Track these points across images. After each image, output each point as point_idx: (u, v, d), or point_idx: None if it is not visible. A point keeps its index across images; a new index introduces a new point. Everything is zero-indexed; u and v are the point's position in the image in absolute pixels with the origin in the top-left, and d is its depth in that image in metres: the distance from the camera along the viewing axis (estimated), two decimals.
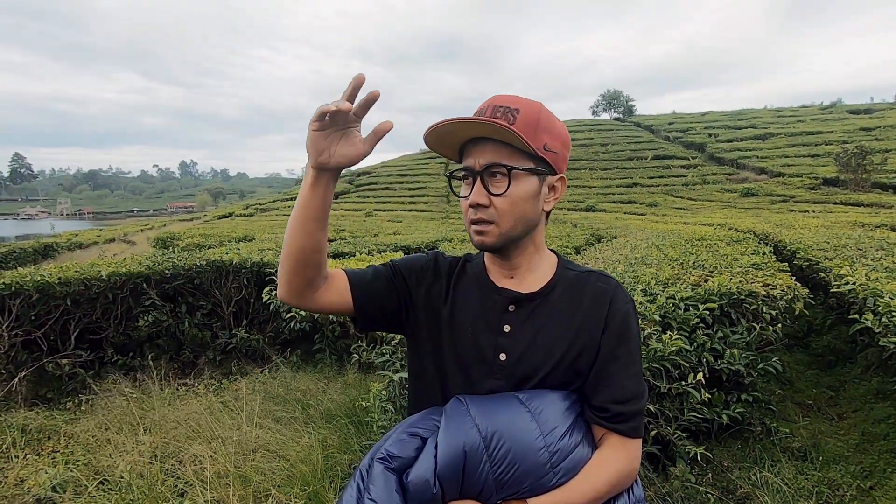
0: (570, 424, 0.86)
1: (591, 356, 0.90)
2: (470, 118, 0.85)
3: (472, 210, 0.89)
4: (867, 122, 34.16)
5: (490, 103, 0.89)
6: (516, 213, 0.88)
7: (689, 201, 23.77)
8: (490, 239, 0.89)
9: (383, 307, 0.98)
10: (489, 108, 0.88)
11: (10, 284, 3.34)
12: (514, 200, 0.88)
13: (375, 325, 1.01)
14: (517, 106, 0.87)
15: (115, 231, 22.84)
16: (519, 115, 0.86)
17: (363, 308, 0.97)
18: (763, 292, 2.70)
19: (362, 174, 41.85)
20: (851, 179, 21.83)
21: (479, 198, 0.87)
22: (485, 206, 0.88)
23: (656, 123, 45.36)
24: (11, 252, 10.62)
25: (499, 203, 0.87)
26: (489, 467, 0.80)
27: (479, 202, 0.87)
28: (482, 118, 0.84)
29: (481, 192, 0.87)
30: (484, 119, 0.84)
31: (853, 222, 8.85)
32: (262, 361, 4.17)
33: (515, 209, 0.88)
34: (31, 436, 2.91)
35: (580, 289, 0.94)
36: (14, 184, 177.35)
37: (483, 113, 0.88)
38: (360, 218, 23.26)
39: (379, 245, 6.72)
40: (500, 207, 0.87)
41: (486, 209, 0.88)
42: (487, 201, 0.87)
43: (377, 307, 0.98)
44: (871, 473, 2.37)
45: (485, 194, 0.87)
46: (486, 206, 0.88)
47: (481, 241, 0.90)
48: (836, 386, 3.40)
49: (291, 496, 2.23)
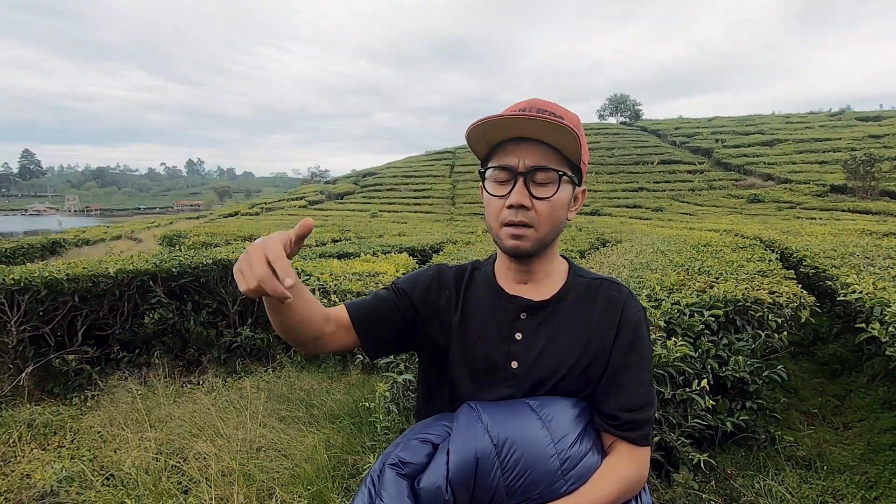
0: (581, 432, 0.86)
1: (603, 364, 0.90)
2: (538, 115, 0.81)
3: (511, 211, 0.85)
4: (876, 130, 33.89)
5: (532, 104, 0.86)
6: (554, 219, 0.87)
7: (695, 207, 23.66)
8: (527, 244, 0.87)
9: (390, 329, 0.96)
10: (533, 109, 0.85)
11: (19, 280, 3.37)
12: (555, 206, 0.86)
13: (386, 349, 0.99)
14: (561, 113, 0.86)
15: (122, 228, 22.97)
16: (564, 121, 0.83)
17: (369, 335, 0.95)
18: (769, 299, 2.70)
19: (368, 175, 41.95)
20: (859, 187, 21.66)
21: (523, 199, 0.84)
22: (527, 208, 0.85)
23: (663, 128, 45.18)
24: (19, 248, 10.71)
25: (541, 207, 0.85)
26: (500, 474, 0.80)
27: (522, 203, 0.84)
28: (542, 116, 0.81)
29: (524, 194, 0.84)
30: (545, 118, 0.81)
31: (861, 230, 8.79)
32: (267, 360, 4.19)
33: (554, 215, 0.87)
34: (38, 430, 2.94)
35: (592, 296, 0.94)
36: (23, 180, 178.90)
37: (526, 110, 0.85)
38: (365, 218, 23.29)
39: (384, 246, 6.74)
40: (541, 211, 0.85)
41: (526, 212, 0.85)
42: (530, 203, 0.85)
43: (384, 331, 0.96)
44: (875, 484, 2.36)
45: (528, 196, 0.84)
46: (528, 209, 0.85)
47: (516, 246, 0.87)
48: (842, 395, 3.38)
49: (295, 495, 2.24)
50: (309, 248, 6.70)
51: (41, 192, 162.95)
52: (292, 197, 38.22)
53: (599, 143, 39.94)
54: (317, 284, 3.78)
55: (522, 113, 0.82)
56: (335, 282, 3.81)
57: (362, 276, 4.04)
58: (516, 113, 0.82)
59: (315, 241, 8.37)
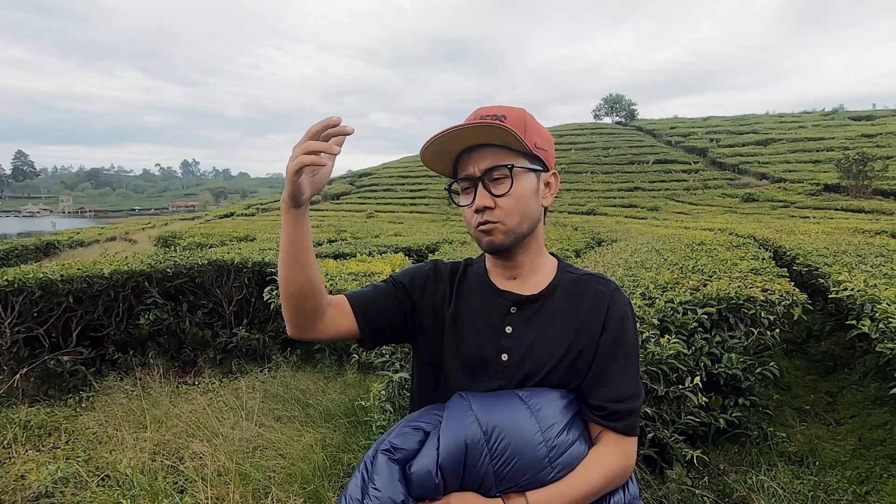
0: (568, 421, 0.89)
1: (590, 356, 0.92)
2: (465, 124, 0.87)
3: (478, 215, 0.91)
4: (869, 129, 34.17)
5: (476, 113, 0.92)
6: (521, 210, 0.91)
7: (689, 206, 23.78)
8: (499, 238, 0.91)
9: (388, 320, 1.00)
10: (476, 117, 0.90)
11: (13, 281, 3.36)
12: (518, 198, 0.90)
13: (382, 340, 1.02)
14: (503, 113, 0.90)
15: (117, 229, 22.87)
16: (507, 119, 0.88)
17: (369, 324, 0.98)
18: (761, 297, 2.72)
19: (364, 175, 41.90)
20: (853, 186, 21.84)
21: (484, 201, 0.89)
22: (490, 208, 0.89)
23: (658, 128, 45.38)
24: (13, 249, 10.66)
25: (503, 202, 0.89)
26: (489, 460, 0.82)
27: (485, 205, 0.89)
28: (477, 122, 0.87)
29: (485, 196, 0.89)
30: (479, 122, 0.86)
31: (854, 229, 8.86)
32: (263, 361, 4.19)
33: (520, 206, 0.91)
34: (33, 431, 2.93)
35: (580, 291, 0.97)
36: (16, 181, 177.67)
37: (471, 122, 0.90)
38: (361, 219, 23.28)
39: (380, 246, 6.74)
40: (505, 206, 0.89)
41: (491, 211, 0.90)
42: (493, 203, 0.89)
43: (383, 321, 0.99)
44: (867, 479, 2.39)
45: (489, 197, 0.89)
46: (492, 208, 0.90)
47: (490, 242, 0.92)
48: (834, 391, 3.42)
49: (291, 494, 2.25)
50: None
51: (35, 194, 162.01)
52: None
53: (595, 142, 40.07)
54: None
55: (452, 127, 0.87)
56: (331, 282, 3.81)
57: (358, 276, 4.04)
58: (452, 127, 0.87)
59: None
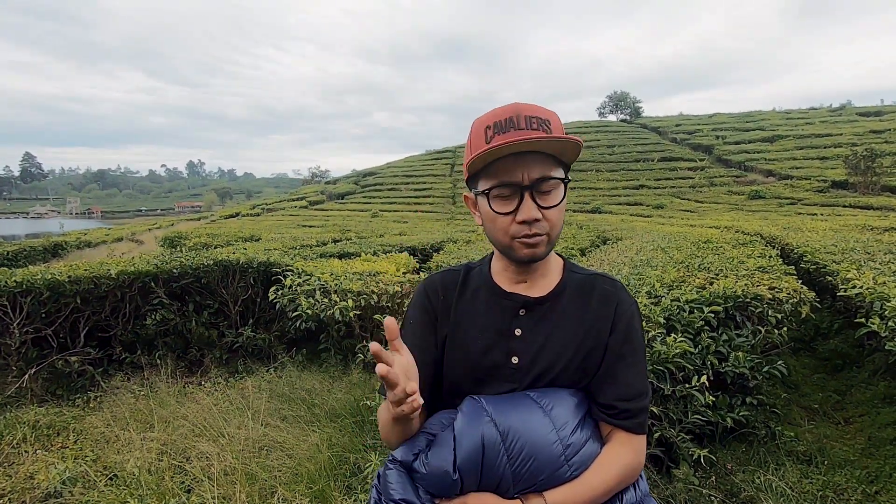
0: (581, 419, 0.90)
1: (599, 356, 0.93)
2: (546, 136, 0.83)
3: (523, 226, 0.87)
4: (877, 125, 33.82)
5: (518, 112, 0.85)
6: (562, 222, 0.92)
7: (695, 203, 23.65)
8: (541, 250, 0.90)
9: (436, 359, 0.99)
10: (521, 119, 0.85)
11: (22, 282, 3.39)
12: (562, 210, 0.90)
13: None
14: (547, 117, 0.86)
15: (124, 230, 23.03)
16: (552, 125, 0.86)
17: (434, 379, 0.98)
18: (769, 295, 2.70)
19: (368, 175, 41.97)
20: (861, 182, 21.64)
21: (534, 213, 0.86)
22: (538, 220, 0.87)
23: (663, 125, 45.13)
24: (22, 250, 10.75)
25: (550, 215, 0.88)
26: (507, 461, 0.83)
27: (536, 217, 0.86)
28: (555, 136, 0.83)
29: (534, 207, 0.86)
30: (561, 136, 0.83)
31: (862, 225, 8.77)
32: (268, 360, 4.20)
33: (562, 218, 0.91)
34: (41, 431, 2.95)
35: (588, 291, 0.96)
36: (24, 183, 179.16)
37: (516, 123, 0.85)
38: (365, 218, 23.32)
39: (385, 245, 6.75)
40: (552, 219, 0.88)
41: (539, 223, 0.87)
42: (541, 215, 0.87)
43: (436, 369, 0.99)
44: (876, 478, 2.36)
45: (537, 208, 0.86)
46: (540, 220, 0.87)
47: (533, 254, 0.90)
48: (843, 390, 3.38)
49: (297, 494, 2.25)
50: (310, 249, 6.72)
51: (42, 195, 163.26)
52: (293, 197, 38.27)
53: (600, 140, 39.91)
54: (318, 284, 3.79)
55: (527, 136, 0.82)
56: (336, 281, 3.82)
57: (363, 275, 4.05)
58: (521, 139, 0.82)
59: (316, 241, 8.39)
